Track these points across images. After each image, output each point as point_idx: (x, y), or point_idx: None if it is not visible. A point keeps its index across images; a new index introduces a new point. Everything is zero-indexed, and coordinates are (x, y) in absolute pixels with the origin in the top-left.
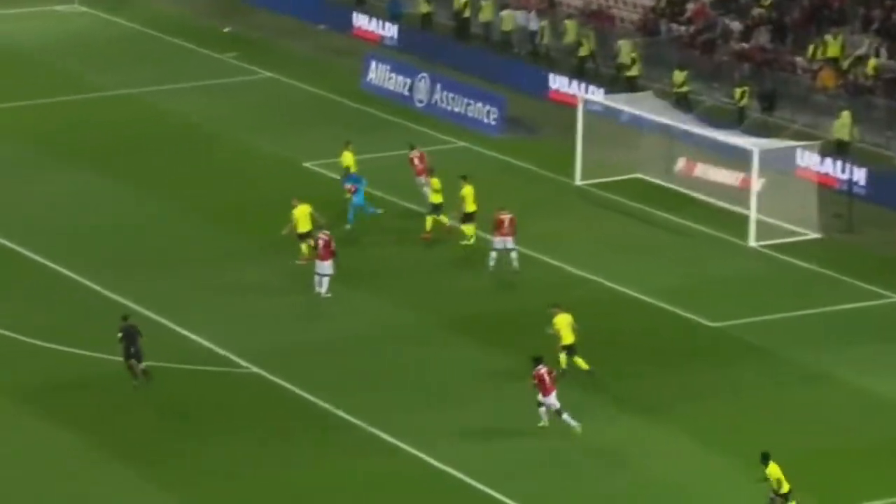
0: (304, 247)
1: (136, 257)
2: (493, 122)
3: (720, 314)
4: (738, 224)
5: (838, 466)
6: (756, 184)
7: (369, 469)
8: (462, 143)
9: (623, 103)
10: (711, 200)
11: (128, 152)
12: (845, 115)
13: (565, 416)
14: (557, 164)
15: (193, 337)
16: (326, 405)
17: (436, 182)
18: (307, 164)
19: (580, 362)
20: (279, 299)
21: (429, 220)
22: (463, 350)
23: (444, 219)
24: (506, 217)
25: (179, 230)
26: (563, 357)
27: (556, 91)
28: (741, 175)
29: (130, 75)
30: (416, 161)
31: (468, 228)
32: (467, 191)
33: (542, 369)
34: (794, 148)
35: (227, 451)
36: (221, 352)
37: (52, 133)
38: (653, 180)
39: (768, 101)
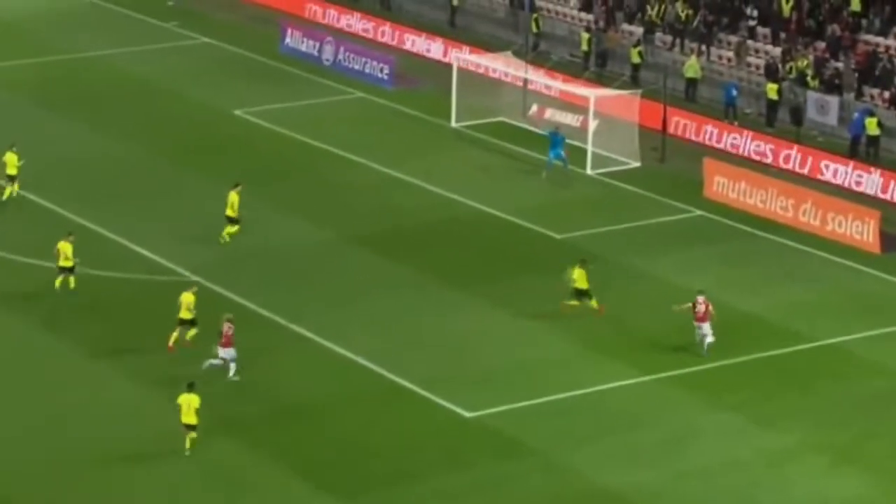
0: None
1: (97, 189)
2: (385, 77)
3: (566, 228)
4: (579, 156)
5: (657, 343)
6: (592, 124)
7: (290, 357)
8: (360, 94)
9: (488, 60)
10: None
11: (93, 103)
12: (693, 58)
13: None
14: (436, 110)
15: (146, 253)
16: (253, 306)
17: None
18: (237, 112)
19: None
20: (214, 221)
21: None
22: (363, 260)
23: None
24: None
25: (135, 166)
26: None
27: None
28: (580, 117)
29: (92, 41)
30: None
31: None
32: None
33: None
34: (621, 95)
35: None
36: (168, 264)
37: (29, 87)
38: (513, 122)
39: (602, 59)
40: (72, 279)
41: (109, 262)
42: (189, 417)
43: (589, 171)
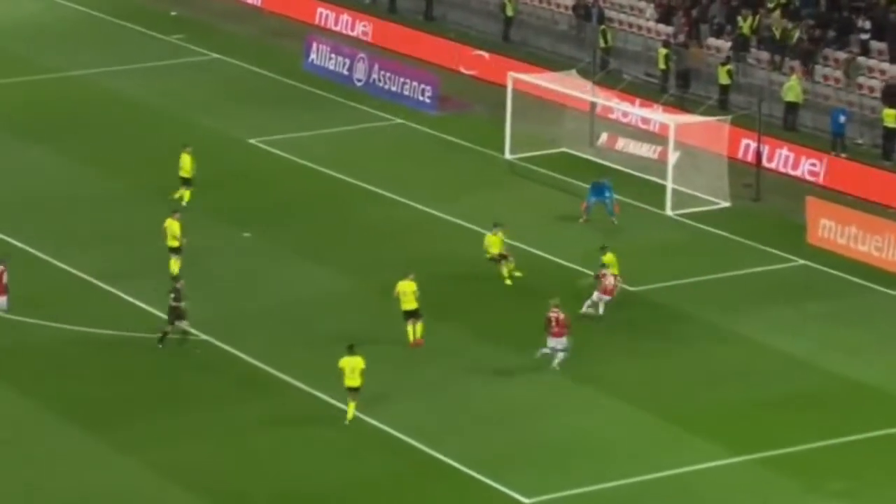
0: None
1: (87, 230)
2: (427, 100)
3: (640, 279)
4: (657, 195)
5: (749, 417)
6: (672, 156)
7: (313, 431)
8: (399, 120)
9: (549, 81)
10: (632, 172)
11: (81, 130)
12: (793, 79)
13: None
14: (488, 139)
15: (143, 305)
16: (268, 368)
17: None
18: (252, 141)
19: None
20: (224, 269)
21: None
22: (398, 316)
23: None
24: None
25: (129, 204)
26: None
27: None
28: (658, 148)
29: (84, 57)
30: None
31: None
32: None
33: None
34: (707, 122)
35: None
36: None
37: (8, 112)
38: (577, 154)
39: (683, 79)
40: (177, 262)
41: (97, 315)
42: (353, 380)
43: (669, 212)
